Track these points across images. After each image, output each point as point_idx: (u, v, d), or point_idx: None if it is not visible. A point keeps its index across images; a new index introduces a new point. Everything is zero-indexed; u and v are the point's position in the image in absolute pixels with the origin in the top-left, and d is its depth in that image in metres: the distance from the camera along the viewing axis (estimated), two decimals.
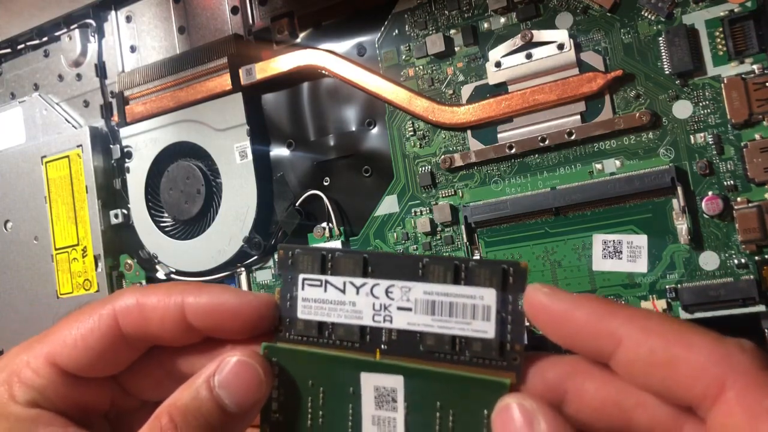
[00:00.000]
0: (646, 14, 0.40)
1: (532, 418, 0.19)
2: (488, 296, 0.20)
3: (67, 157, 0.58)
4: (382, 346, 0.21)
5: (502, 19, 0.44)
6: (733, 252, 0.37)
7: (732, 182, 0.37)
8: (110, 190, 0.58)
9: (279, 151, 0.52)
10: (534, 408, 0.19)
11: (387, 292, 0.21)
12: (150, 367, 0.24)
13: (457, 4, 0.45)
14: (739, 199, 0.37)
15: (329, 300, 0.22)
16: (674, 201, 0.38)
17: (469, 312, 0.21)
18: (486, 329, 0.20)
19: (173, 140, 0.54)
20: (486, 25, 0.44)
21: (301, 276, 0.22)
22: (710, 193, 0.38)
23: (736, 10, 0.37)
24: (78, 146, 0.57)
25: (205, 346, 0.24)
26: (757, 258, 0.37)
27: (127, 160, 0.56)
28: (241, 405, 0.21)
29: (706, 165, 0.38)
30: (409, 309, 0.21)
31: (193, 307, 0.22)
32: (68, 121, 0.60)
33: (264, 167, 0.52)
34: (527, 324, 0.20)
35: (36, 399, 0.23)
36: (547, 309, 0.20)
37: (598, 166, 0.41)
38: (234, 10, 0.53)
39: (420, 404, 0.21)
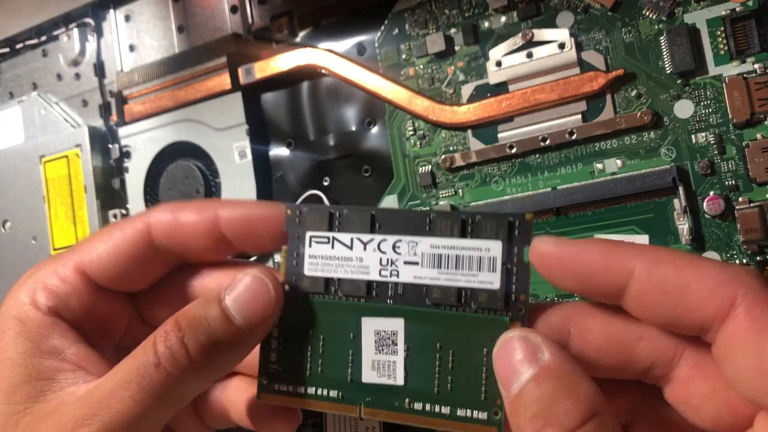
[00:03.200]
0: (647, 13, 0.39)
1: (535, 349, 0.19)
2: (494, 248, 0.20)
3: (66, 156, 0.58)
4: (389, 301, 0.21)
5: (503, 18, 0.43)
6: (734, 252, 0.37)
7: (733, 182, 0.37)
8: (109, 190, 0.57)
9: (278, 151, 0.52)
10: (537, 340, 0.19)
11: (394, 247, 0.21)
12: (170, 291, 0.25)
13: (458, 3, 0.45)
14: (740, 199, 0.37)
15: (336, 256, 0.22)
16: (675, 201, 0.38)
17: (475, 264, 0.21)
18: (492, 280, 0.21)
19: (172, 140, 0.54)
20: (486, 24, 0.44)
21: (309, 233, 0.22)
22: (712, 193, 0.38)
23: (737, 9, 0.37)
24: (77, 146, 0.57)
25: (227, 272, 0.24)
26: (758, 258, 0.36)
27: (125, 160, 0.56)
28: (248, 319, 0.21)
29: (708, 165, 0.38)
30: (416, 263, 0.21)
31: (227, 218, 0.23)
32: (67, 121, 0.60)
33: (263, 167, 0.52)
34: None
35: (57, 307, 0.23)
36: (556, 256, 0.20)
37: (599, 165, 0.40)
38: (233, 9, 0.53)
39: (420, 346, 0.21)
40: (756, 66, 0.37)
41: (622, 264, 0.19)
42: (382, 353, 0.21)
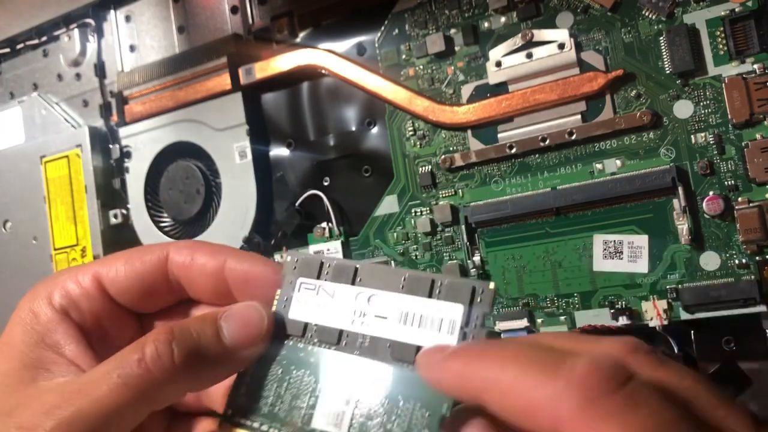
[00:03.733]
0: (646, 14, 0.39)
1: None
2: (455, 312, 0.22)
3: (66, 157, 0.58)
4: (355, 352, 0.23)
5: (503, 19, 0.43)
6: (734, 252, 0.37)
7: (733, 182, 0.37)
8: (109, 190, 0.58)
9: (279, 151, 0.52)
10: None
11: (369, 300, 0.23)
12: (176, 316, 0.27)
13: (458, 4, 0.45)
14: (740, 199, 0.37)
15: (318, 304, 0.24)
16: (675, 201, 0.38)
17: (436, 324, 0.22)
18: (449, 342, 0.21)
19: (172, 140, 0.54)
20: (486, 24, 0.44)
21: (300, 280, 0.24)
22: (711, 193, 0.38)
23: (737, 9, 0.37)
24: (77, 146, 0.57)
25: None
26: (758, 258, 0.37)
27: (126, 160, 0.56)
28: (237, 342, 0.23)
29: (707, 165, 0.38)
30: (385, 317, 0.23)
31: (231, 267, 0.25)
32: (67, 121, 0.60)
33: (264, 167, 0.52)
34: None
35: (69, 307, 0.25)
36: (430, 367, 0.21)
37: (599, 165, 0.41)
38: (234, 10, 0.53)
39: (369, 399, 0.22)
40: (755, 66, 0.37)
41: (474, 383, 0.19)
42: (336, 401, 0.22)
